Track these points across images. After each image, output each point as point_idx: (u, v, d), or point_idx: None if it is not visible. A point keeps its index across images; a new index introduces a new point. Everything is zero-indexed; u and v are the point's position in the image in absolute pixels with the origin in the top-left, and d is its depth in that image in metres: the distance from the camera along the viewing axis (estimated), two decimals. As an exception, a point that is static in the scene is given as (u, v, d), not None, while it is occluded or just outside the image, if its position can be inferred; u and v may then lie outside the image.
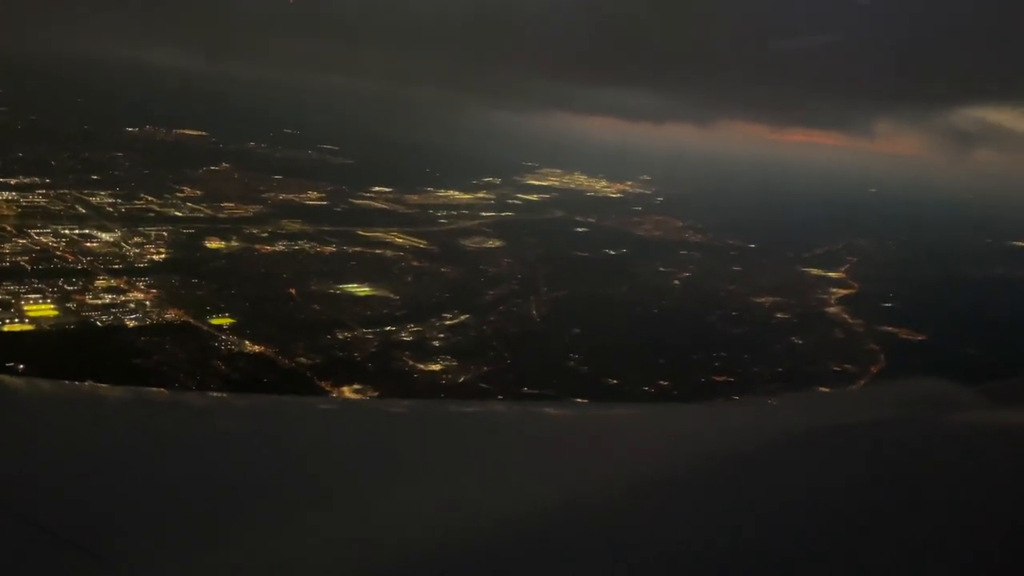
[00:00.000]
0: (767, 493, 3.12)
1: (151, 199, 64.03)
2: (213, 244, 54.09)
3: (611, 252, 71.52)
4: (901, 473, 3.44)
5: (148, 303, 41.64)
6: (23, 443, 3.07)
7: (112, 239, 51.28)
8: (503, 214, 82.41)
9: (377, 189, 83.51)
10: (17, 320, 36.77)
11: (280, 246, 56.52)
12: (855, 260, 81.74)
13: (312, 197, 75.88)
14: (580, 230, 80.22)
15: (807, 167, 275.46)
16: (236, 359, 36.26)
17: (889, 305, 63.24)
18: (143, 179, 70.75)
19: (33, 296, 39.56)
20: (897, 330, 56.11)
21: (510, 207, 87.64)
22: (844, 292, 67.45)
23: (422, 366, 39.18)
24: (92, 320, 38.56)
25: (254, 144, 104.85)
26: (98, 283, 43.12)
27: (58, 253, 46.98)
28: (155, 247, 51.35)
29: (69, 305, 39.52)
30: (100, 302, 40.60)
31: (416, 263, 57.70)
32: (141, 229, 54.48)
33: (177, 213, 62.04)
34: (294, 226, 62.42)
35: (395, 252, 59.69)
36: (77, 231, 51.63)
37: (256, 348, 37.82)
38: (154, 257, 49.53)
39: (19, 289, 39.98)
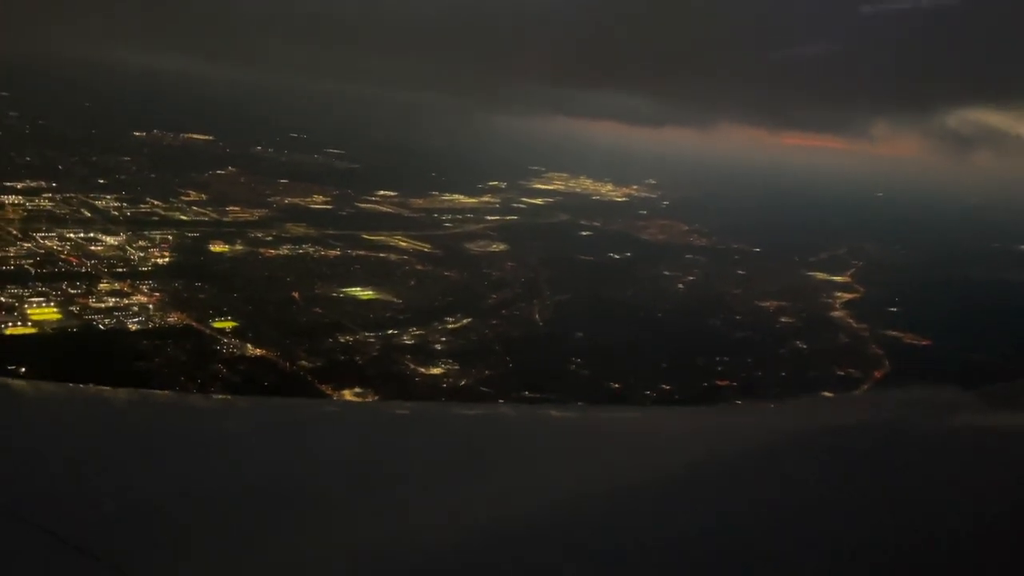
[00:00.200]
0: (768, 497, 3.12)
1: (157, 203, 64.33)
2: (217, 248, 54.27)
3: (615, 256, 71.43)
4: (903, 477, 3.43)
5: (151, 307, 41.78)
6: (25, 446, 3.07)
7: (117, 243, 51.52)
8: (508, 218, 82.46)
9: (382, 193, 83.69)
10: (20, 323, 36.96)
11: (284, 250, 56.69)
12: (860, 264, 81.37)
13: (317, 201, 76.10)
14: (585, 234, 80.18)
15: (810, 171, 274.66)
16: (237, 362, 36.36)
17: (894, 309, 62.90)
18: (149, 183, 71.06)
19: (36, 299, 39.78)
20: (902, 335, 55.85)
21: (515, 211, 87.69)
22: (849, 296, 67.18)
23: (423, 370, 39.20)
24: (95, 323, 38.75)
25: (260, 148, 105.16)
26: (101, 286, 43.30)
27: (63, 257, 47.23)
28: (159, 251, 51.56)
29: (72, 308, 39.72)
30: (103, 305, 40.79)
31: (420, 267, 57.77)
32: (146, 233, 54.71)
33: (182, 217, 62.30)
34: (299, 230, 62.61)
35: (399, 256, 59.78)
36: (82, 235, 51.88)
37: (258, 351, 37.91)
38: (158, 261, 49.74)
39: (23, 292, 40.19)
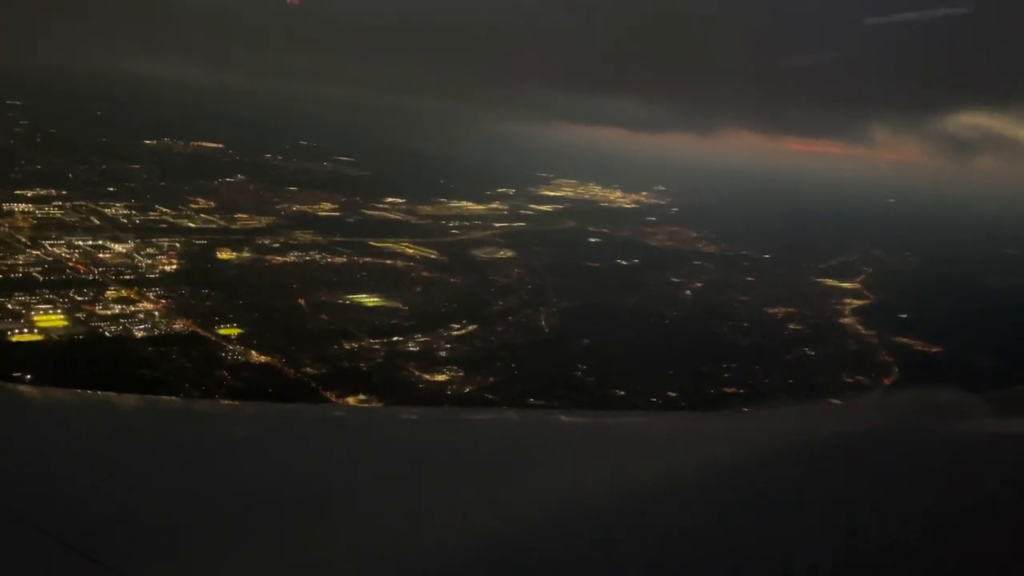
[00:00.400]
0: (774, 502, 3.11)
1: (165, 210, 64.61)
2: (224, 255, 54.43)
3: (623, 262, 71.26)
4: (909, 481, 3.42)
5: (157, 314, 41.95)
6: (30, 450, 3.12)
7: (125, 250, 51.74)
8: (515, 224, 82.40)
9: (390, 200, 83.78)
10: (26, 330, 37.15)
11: (291, 257, 56.81)
12: (870, 271, 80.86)
13: (325, 208, 76.19)
14: (593, 240, 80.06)
15: (816, 176, 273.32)
16: (242, 369, 36.41)
17: (904, 316, 62.38)
18: (158, 191, 71.33)
19: (44, 307, 39.95)
20: (912, 341, 55.43)
21: (523, 217, 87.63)
22: (859, 303, 66.73)
23: (428, 376, 39.15)
24: (101, 330, 38.89)
25: (270, 156, 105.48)
26: (108, 294, 43.47)
27: (71, 264, 47.48)
28: (167, 258, 51.74)
29: (79, 316, 39.91)
30: (109, 312, 40.96)
31: (426, 273, 57.78)
32: (154, 240, 54.93)
33: (190, 224, 62.51)
34: (306, 237, 62.71)
35: (405, 263, 59.82)
36: (91, 242, 52.11)
37: (262, 358, 37.96)
38: (165, 268, 49.90)
39: (30, 300, 40.42)
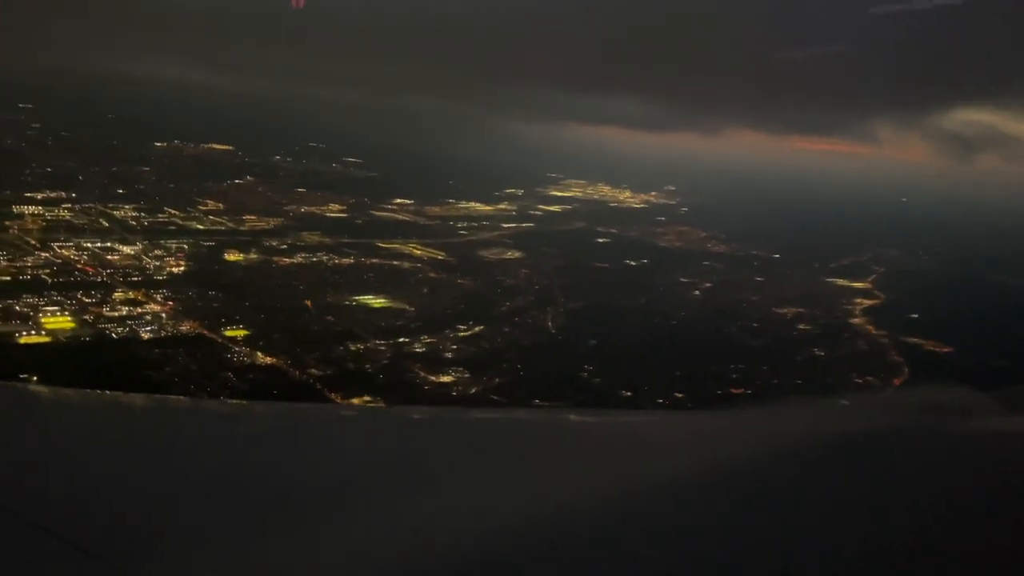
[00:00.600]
0: (777, 502, 3.10)
1: (174, 212, 64.87)
2: (232, 256, 54.59)
3: (632, 263, 71.02)
4: (917, 480, 3.40)
5: (164, 315, 42.08)
6: (35, 449, 3.14)
7: (133, 252, 52.00)
8: (524, 225, 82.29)
9: (399, 201, 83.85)
10: (34, 332, 37.34)
11: (298, 258, 56.93)
12: (882, 270, 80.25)
13: (333, 209, 76.33)
14: (601, 241, 79.82)
15: (824, 175, 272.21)
16: (247, 371, 36.46)
17: (915, 316, 61.91)
18: (168, 193, 71.68)
19: (51, 309, 40.16)
20: (923, 342, 54.94)
21: (531, 218, 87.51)
22: (870, 303, 66.23)
23: (433, 378, 39.09)
24: (108, 332, 39.04)
25: (279, 158, 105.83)
26: (116, 295, 43.66)
27: (79, 266, 47.72)
28: (175, 260, 51.94)
29: (86, 317, 40.08)
30: (117, 314, 41.13)
31: (433, 274, 57.75)
32: (162, 242, 55.19)
33: (199, 226, 62.75)
34: (313, 238, 62.83)
35: (412, 264, 59.83)
36: (99, 244, 52.42)
37: (268, 360, 38.00)
38: (173, 270, 50.09)
39: (38, 302, 40.62)
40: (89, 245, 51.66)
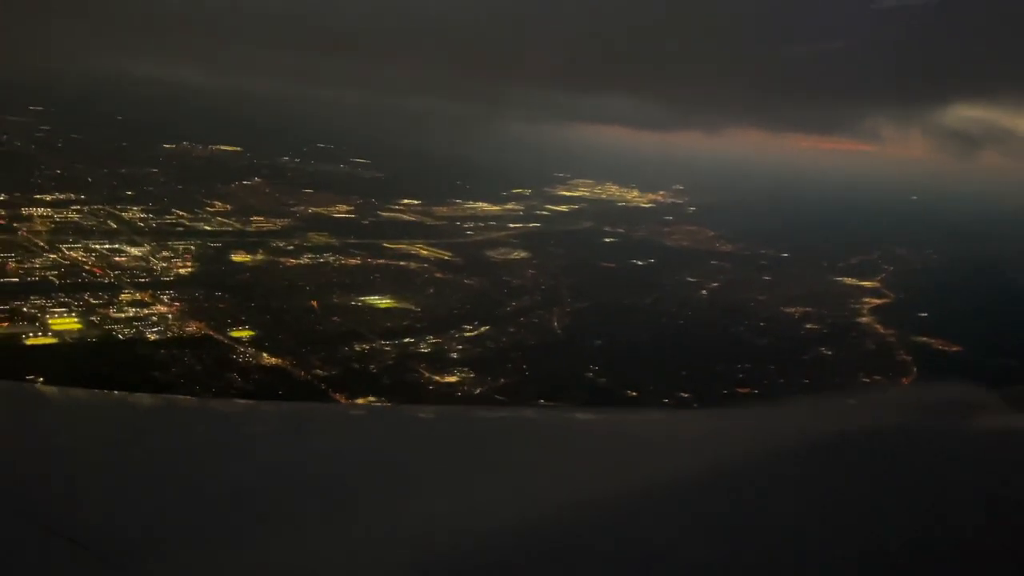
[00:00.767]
0: (782, 499, 3.09)
1: (182, 214, 65.13)
2: (239, 257, 54.78)
3: (639, 262, 70.89)
4: (922, 480, 3.37)
5: (170, 316, 42.24)
6: (41, 448, 3.17)
7: (140, 253, 52.20)
8: (531, 225, 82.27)
9: (406, 202, 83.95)
10: (41, 334, 37.54)
11: (305, 259, 57.05)
12: (891, 269, 79.85)
13: (341, 210, 76.47)
14: (608, 240, 79.71)
15: (831, 173, 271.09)
16: (252, 371, 36.54)
17: (924, 315, 61.52)
18: (176, 194, 71.97)
19: (59, 310, 40.38)
20: (931, 341, 54.60)
21: (538, 218, 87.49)
22: (878, 302, 65.87)
23: (438, 378, 39.09)
24: (114, 333, 39.20)
25: (287, 159, 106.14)
26: (123, 297, 43.85)
27: (87, 268, 47.96)
28: (182, 261, 52.14)
29: (93, 319, 40.27)
30: (124, 315, 41.29)
31: (439, 275, 57.76)
32: (170, 243, 55.40)
33: (206, 227, 62.98)
34: (320, 239, 62.99)
35: (419, 264, 59.86)
36: (107, 246, 52.65)
37: (273, 360, 38.08)
38: (180, 271, 50.27)
39: (46, 303, 40.84)
40: (97, 247, 51.90)
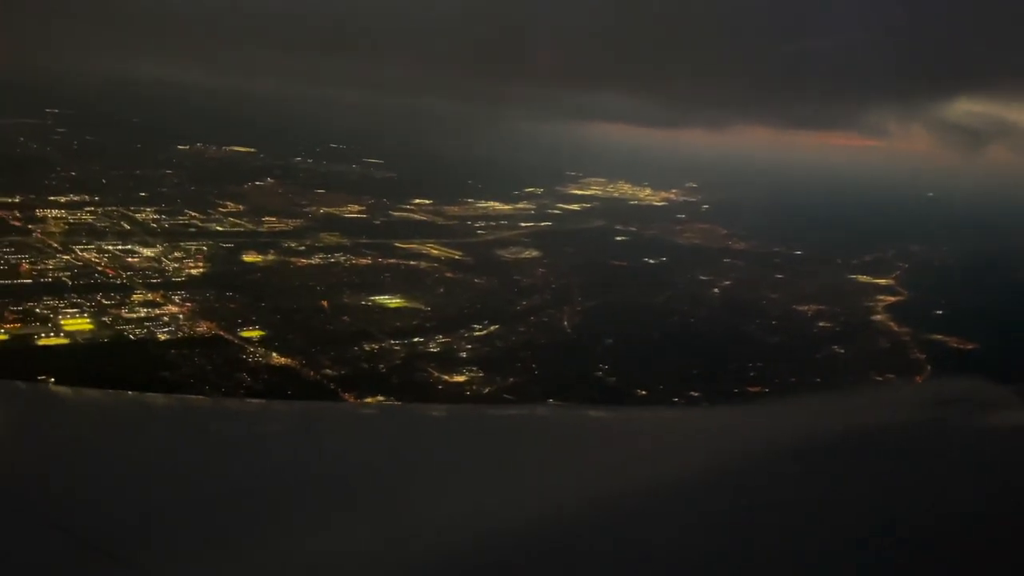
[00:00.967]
0: (791, 495, 3.08)
1: (194, 215, 65.55)
2: (250, 258, 55.03)
3: (650, 261, 70.63)
4: (931, 474, 3.36)
5: (181, 316, 42.48)
6: (51, 447, 3.20)
7: (153, 254, 52.57)
8: (542, 224, 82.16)
9: (417, 201, 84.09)
10: (53, 334, 37.85)
11: (316, 259, 57.24)
12: (906, 267, 79.15)
13: (352, 210, 76.71)
14: (620, 239, 79.49)
15: (846, 170, 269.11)
16: (261, 371, 36.69)
17: (940, 313, 60.93)
18: (189, 195, 72.50)
19: (71, 311, 40.73)
20: (946, 339, 54.03)
21: (550, 217, 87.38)
22: (892, 299, 65.30)
23: (447, 377, 39.09)
24: (125, 333, 39.47)
25: (300, 159, 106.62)
26: (135, 297, 44.17)
27: (99, 268, 48.34)
28: (194, 261, 52.44)
29: (105, 319, 40.57)
30: (135, 316, 41.59)
31: (450, 274, 57.78)
32: (182, 244, 55.77)
33: (218, 228, 63.36)
34: (332, 239, 63.19)
35: (429, 264, 59.91)
36: (120, 247, 53.09)
37: (282, 360, 38.22)
38: (192, 271, 50.56)
39: (58, 304, 41.19)
40: (110, 248, 52.34)
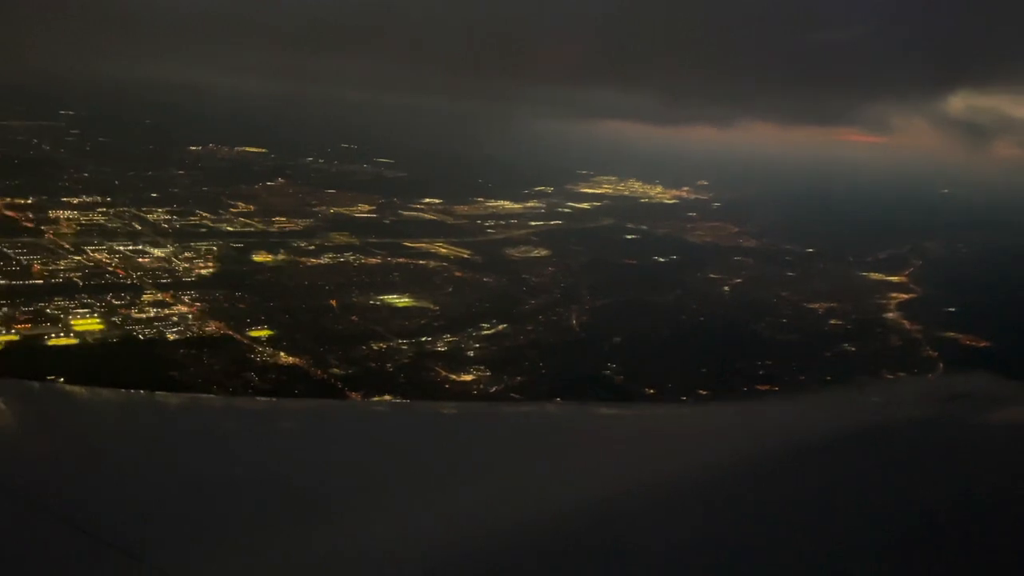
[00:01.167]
0: (799, 490, 3.08)
1: (205, 215, 65.91)
2: (260, 258, 55.24)
3: (660, 259, 70.36)
4: (942, 468, 3.36)
5: (191, 316, 42.69)
6: (61, 445, 3.25)
7: (163, 254, 52.85)
8: (552, 223, 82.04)
9: (427, 201, 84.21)
10: (63, 334, 38.11)
11: (325, 259, 57.41)
12: (920, 264, 78.58)
13: (362, 210, 76.92)
14: (630, 237, 79.22)
15: (853, 166, 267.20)
16: (269, 371, 36.80)
17: (952, 310, 60.38)
18: (200, 196, 72.90)
19: (81, 311, 41.00)
20: (959, 336, 53.54)
21: (560, 216, 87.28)
22: (905, 297, 64.83)
23: (454, 376, 39.08)
24: (135, 333, 39.70)
25: (311, 159, 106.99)
26: (145, 297, 44.39)
27: (110, 269, 48.65)
28: (204, 262, 52.67)
29: (115, 319, 40.81)
30: (145, 316, 41.80)
31: (459, 273, 57.79)
32: (192, 244, 56.03)
33: (229, 228, 63.64)
34: (341, 239, 63.36)
35: (438, 263, 59.94)
36: (131, 247, 53.41)
37: (290, 359, 38.33)
38: (201, 271, 50.78)
39: (69, 304, 41.48)
40: (121, 248, 52.67)
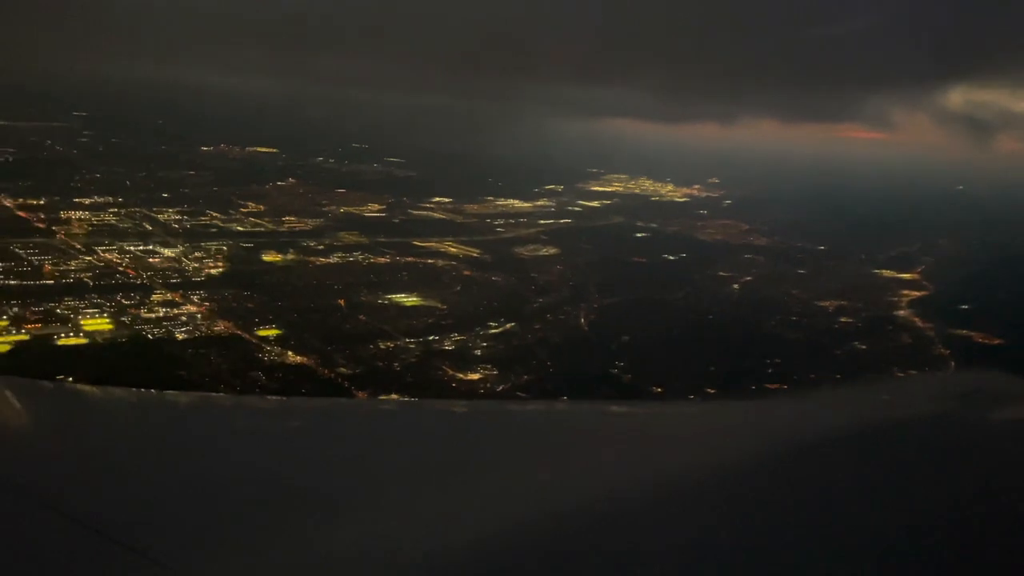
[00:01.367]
0: (806, 490, 3.06)
1: (216, 215, 66.23)
2: (269, 257, 55.46)
3: (670, 257, 70.09)
4: (949, 467, 3.34)
5: (200, 316, 42.91)
6: (75, 445, 3.28)
7: (173, 254, 53.16)
8: (561, 221, 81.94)
9: (437, 200, 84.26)
10: (73, 334, 38.39)
11: (335, 258, 57.56)
12: (932, 261, 77.97)
13: (372, 209, 77.07)
14: (640, 235, 78.94)
15: (860, 162, 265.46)
16: (277, 370, 36.94)
17: (965, 307, 59.86)
18: (211, 196, 73.23)
19: (91, 311, 41.30)
20: (971, 334, 53.10)
21: (569, 214, 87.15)
22: (917, 294, 64.33)
23: (461, 375, 39.12)
24: (144, 333, 39.94)
25: (322, 159, 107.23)
26: (155, 297, 44.66)
27: (120, 269, 48.97)
28: (213, 261, 52.93)
29: (124, 319, 41.07)
30: (154, 316, 42.06)
31: (467, 272, 57.82)
32: (202, 244, 56.33)
33: (239, 228, 63.90)
34: (351, 238, 63.51)
35: (447, 262, 59.99)
36: (141, 247, 53.75)
37: (298, 359, 38.47)
38: (211, 271, 51.05)
39: (79, 304, 41.80)
40: (131, 248, 53.01)
